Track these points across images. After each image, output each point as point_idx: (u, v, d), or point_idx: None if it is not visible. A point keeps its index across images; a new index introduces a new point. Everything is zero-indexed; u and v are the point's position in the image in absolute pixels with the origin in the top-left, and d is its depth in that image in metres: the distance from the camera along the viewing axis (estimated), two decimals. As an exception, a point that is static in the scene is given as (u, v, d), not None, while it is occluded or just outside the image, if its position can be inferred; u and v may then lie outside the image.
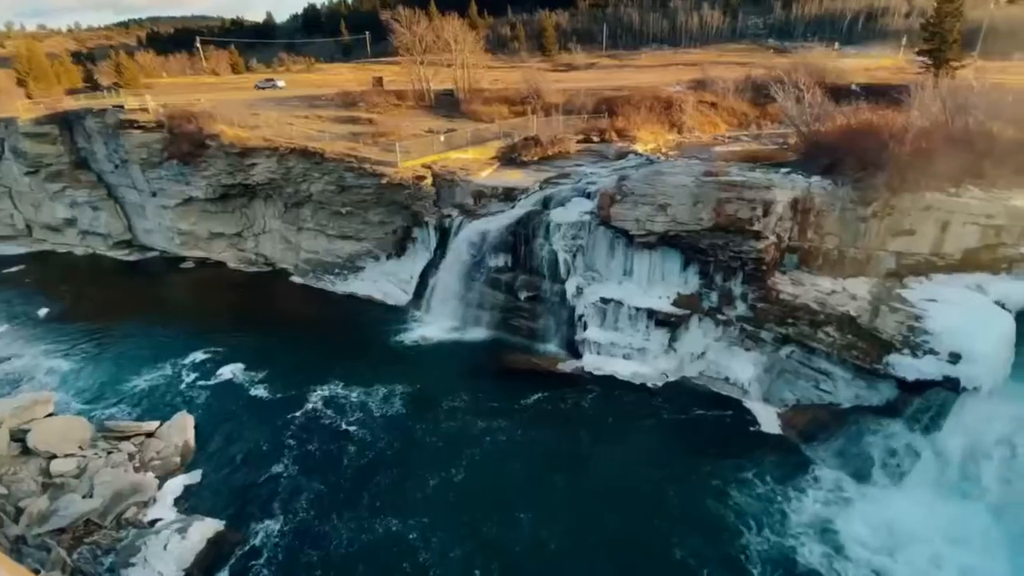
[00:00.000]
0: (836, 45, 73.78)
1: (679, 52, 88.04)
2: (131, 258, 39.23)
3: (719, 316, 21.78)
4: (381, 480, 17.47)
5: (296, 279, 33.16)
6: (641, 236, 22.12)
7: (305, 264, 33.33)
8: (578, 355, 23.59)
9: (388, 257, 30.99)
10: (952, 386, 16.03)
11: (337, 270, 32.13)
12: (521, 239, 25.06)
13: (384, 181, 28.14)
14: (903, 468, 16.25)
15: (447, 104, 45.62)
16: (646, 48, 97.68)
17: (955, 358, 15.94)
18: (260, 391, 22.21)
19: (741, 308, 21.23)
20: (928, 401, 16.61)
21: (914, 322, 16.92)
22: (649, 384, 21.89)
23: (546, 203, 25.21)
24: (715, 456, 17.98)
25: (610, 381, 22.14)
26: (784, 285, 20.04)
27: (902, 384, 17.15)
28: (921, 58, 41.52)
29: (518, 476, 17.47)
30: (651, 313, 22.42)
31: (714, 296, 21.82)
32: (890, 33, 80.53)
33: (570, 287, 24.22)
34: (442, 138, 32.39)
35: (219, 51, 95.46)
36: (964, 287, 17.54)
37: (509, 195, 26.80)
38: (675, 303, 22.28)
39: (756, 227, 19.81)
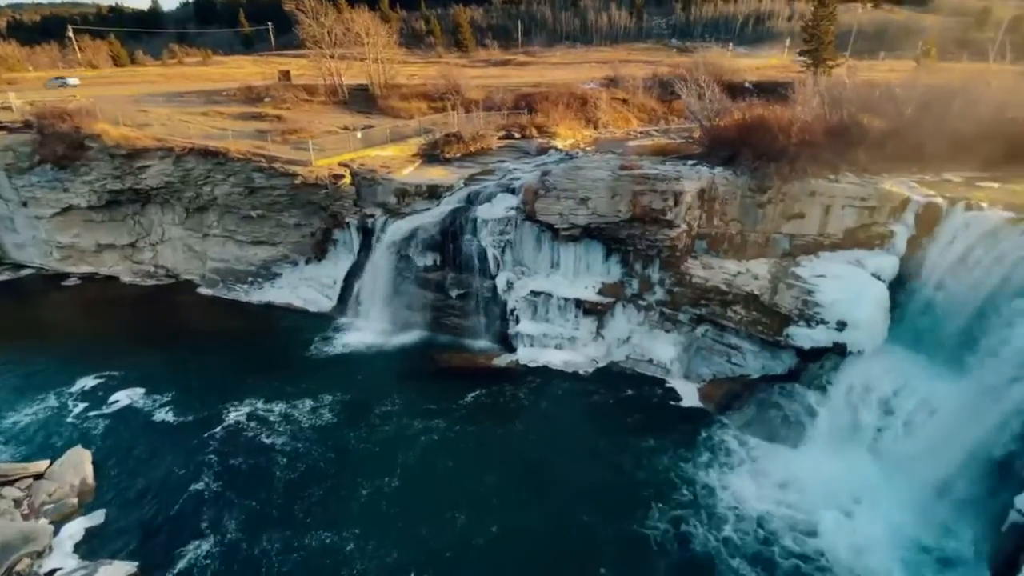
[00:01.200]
0: (730, 45, 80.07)
1: (591, 50, 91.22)
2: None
3: (640, 302, 22.98)
4: (313, 493, 16.68)
5: (204, 291, 30.51)
6: (565, 229, 22.74)
7: (213, 274, 30.79)
8: (512, 349, 23.88)
9: (307, 262, 29.41)
10: (840, 351, 18.15)
11: (251, 278, 30.00)
12: (449, 236, 24.84)
13: (298, 181, 26.63)
14: (804, 427, 18.12)
15: (362, 100, 44.03)
16: (560, 46, 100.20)
17: (842, 326, 18.02)
18: (166, 415, 20.25)
19: (659, 293, 22.54)
20: (822, 366, 18.69)
21: (807, 296, 18.87)
22: (581, 371, 22.68)
23: (472, 200, 25.15)
24: (643, 434, 19.01)
25: (544, 372, 22.66)
26: (696, 269, 21.53)
27: (800, 352, 19.15)
28: (802, 58, 46.14)
29: (454, 475, 17.41)
30: (579, 303, 23.18)
31: (635, 283, 22.98)
32: (776, 35, 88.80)
33: (500, 282, 24.41)
34: (359, 135, 31.23)
35: (97, 42, 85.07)
36: (846, 263, 19.75)
37: (434, 192, 26.44)
38: (600, 292, 23.18)
39: (669, 217, 21.08)
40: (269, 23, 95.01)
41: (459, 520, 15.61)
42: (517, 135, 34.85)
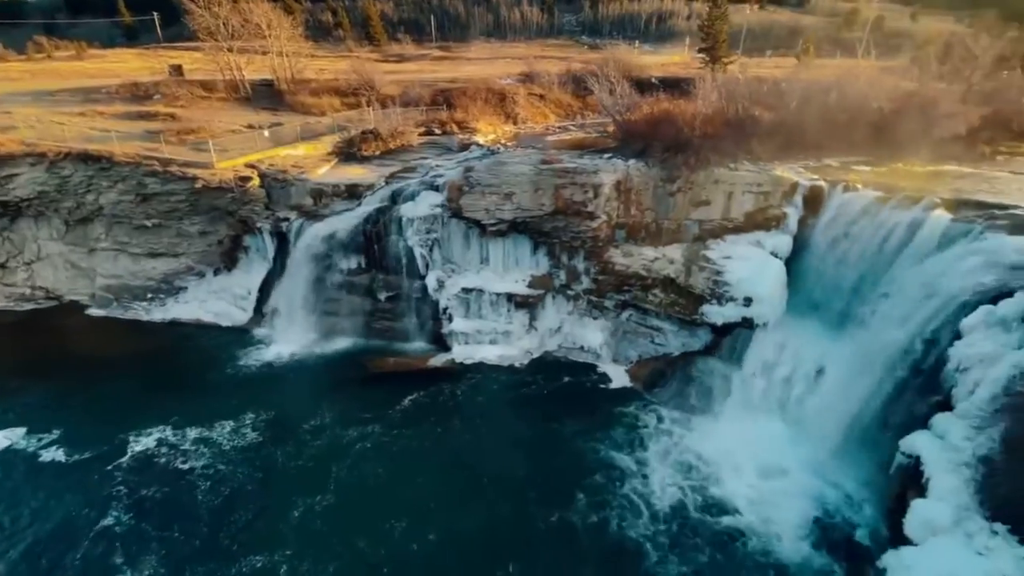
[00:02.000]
0: (637, 43, 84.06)
1: (506, 46, 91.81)
2: None
3: (569, 292, 23.69)
4: (240, 518, 15.64)
5: (95, 311, 27.26)
6: (492, 225, 22.86)
7: (105, 292, 27.59)
8: (447, 348, 23.68)
9: (216, 272, 27.22)
10: (748, 324, 19.86)
11: (151, 295, 27.26)
12: (373, 238, 24.07)
13: (199, 185, 24.49)
14: (721, 398, 19.67)
15: (267, 96, 41.29)
16: (475, 41, 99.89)
17: (748, 302, 19.70)
18: (56, 454, 17.97)
19: (586, 282, 23.36)
20: (734, 339, 20.33)
21: (717, 277, 20.42)
22: (517, 364, 23.01)
23: (394, 198, 24.52)
24: (578, 420, 19.68)
25: (480, 368, 22.73)
26: (617, 258, 22.55)
27: (714, 328, 20.71)
28: (701, 55, 49.51)
29: (392, 483, 17.00)
30: (510, 297, 23.45)
31: (562, 274, 23.63)
32: (677, 33, 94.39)
33: (431, 281, 24.08)
34: (266, 133, 29.30)
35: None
36: (748, 244, 21.54)
37: (353, 192, 25.44)
38: (530, 285, 23.60)
39: (590, 208, 21.87)
40: (154, 13, 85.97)
41: (397, 529, 15.27)
42: (438, 131, 34.40)
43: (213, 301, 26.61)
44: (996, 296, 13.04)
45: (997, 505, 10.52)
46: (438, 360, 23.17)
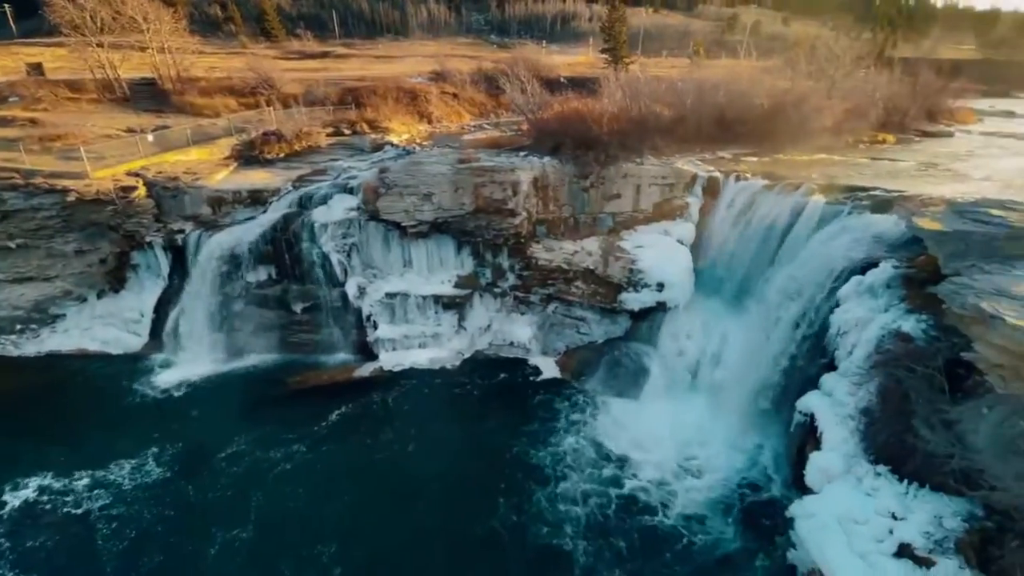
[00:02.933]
0: (544, 43, 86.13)
1: (415, 44, 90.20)
2: None
3: (495, 289, 23.83)
4: (149, 560, 14.14)
5: (-55, 351, 23.19)
6: (413, 226, 22.39)
7: (-42, 327, 23.53)
8: (374, 356, 22.87)
9: (100, 295, 24.17)
10: (662, 308, 21.18)
11: (20, 326, 23.61)
12: (283, 246, 22.62)
13: (71, 198, 21.57)
14: (643, 379, 20.79)
15: (150, 96, 37.34)
16: (382, 39, 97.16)
17: (660, 287, 21.00)
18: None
19: (511, 279, 23.64)
20: (650, 323, 21.60)
21: (631, 265, 21.55)
22: (448, 366, 22.75)
23: (305, 203, 23.21)
24: (510, 414, 19.90)
25: (410, 373, 22.20)
26: (540, 253, 23.04)
27: (633, 314, 21.88)
28: (604, 55, 51.82)
29: (319, 505, 16.11)
30: (437, 299, 23.13)
31: (488, 272, 23.72)
32: (581, 34, 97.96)
33: (351, 289, 23.09)
34: (151, 138, 26.48)
35: None
36: (657, 233, 22.96)
37: (257, 198, 23.74)
38: (457, 285, 23.44)
39: (510, 206, 22.13)
40: (6, 5, 74.12)
41: (324, 554, 14.44)
42: (347, 131, 33.05)
43: (99, 328, 23.62)
44: (864, 267, 14.98)
45: (878, 450, 12.08)
46: (365, 370, 22.34)
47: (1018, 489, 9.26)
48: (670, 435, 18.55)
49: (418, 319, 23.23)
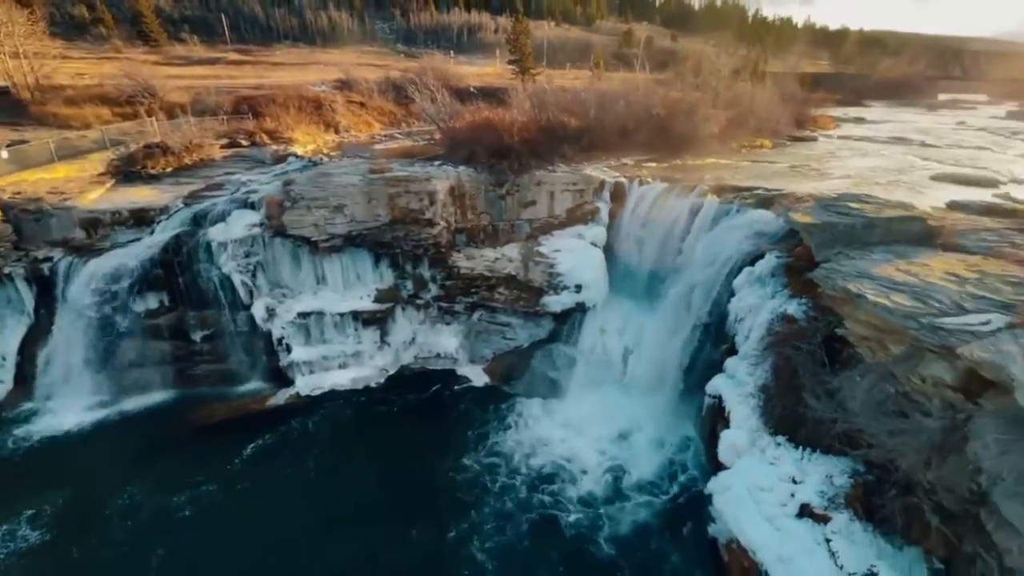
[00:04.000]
0: (451, 53, 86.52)
1: (317, 51, 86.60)
2: None
3: (418, 301, 23.38)
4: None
5: None
6: (324, 241, 21.36)
7: None
8: (289, 382, 21.44)
9: (-55, 339, 20.45)
10: (582, 308, 21.99)
11: None
12: (176, 269, 20.56)
13: (-103, 227, 18.11)
14: (568, 378, 21.44)
15: (3, 107, 32.40)
16: (280, 45, 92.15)
17: (579, 288, 21.81)
18: None
19: (434, 290, 23.33)
20: (571, 324, 22.33)
21: (551, 269, 22.18)
22: (372, 384, 21.93)
23: (199, 221, 21.29)
24: (441, 427, 19.60)
25: (331, 396, 21.11)
26: (461, 261, 22.99)
27: (555, 316, 22.48)
28: (511, 66, 53.09)
29: (234, 548, 14.73)
30: (356, 315, 22.21)
31: (409, 284, 23.22)
32: (487, 45, 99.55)
33: (258, 311, 21.48)
34: (4, 154, 22.97)
35: None
36: (572, 237, 23.81)
37: (142, 218, 21.38)
38: (376, 299, 22.67)
39: (427, 216, 21.88)
40: None
41: None
42: (245, 143, 30.88)
43: (-58, 378, 19.93)
44: (753, 259, 16.60)
45: (776, 422, 13.37)
46: (279, 398, 20.88)
47: (890, 444, 10.67)
48: (595, 428, 19.22)
49: (336, 338, 22.15)
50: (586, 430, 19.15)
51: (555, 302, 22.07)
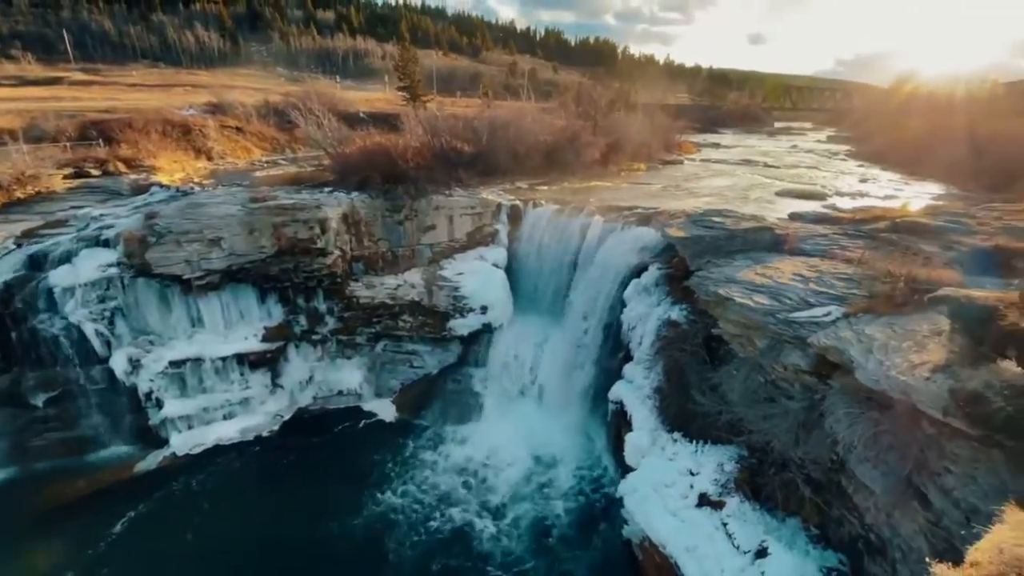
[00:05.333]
0: (337, 78, 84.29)
1: (182, 72, 79.39)
2: None
3: (314, 336, 21.89)
4: None
5: None
6: (199, 278, 19.24)
7: None
8: (162, 442, 18.77)
9: None
10: (488, 329, 22.15)
11: None
12: (7, 322, 17.21)
13: None
14: (480, 400, 21.35)
15: None
16: (137, 64, 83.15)
17: (484, 309, 21.97)
18: None
19: (331, 323, 22.02)
20: (479, 345, 22.38)
21: (455, 292, 22.11)
22: (265, 433, 19.99)
23: (37, 264, 18.10)
24: (348, 470, 18.35)
25: (216, 453, 18.84)
26: (360, 291, 22.04)
27: (462, 339, 22.39)
28: (402, 93, 52.97)
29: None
30: (241, 358, 20.18)
31: (303, 319, 21.68)
32: (375, 71, 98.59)
33: (119, 363, 18.61)
34: None
35: None
36: (474, 259, 24.01)
37: (-45, 265, 17.67)
38: (265, 338, 20.80)
39: (319, 245, 20.73)
40: None
41: None
42: (96, 172, 27.05)
43: None
44: (639, 271, 18.00)
45: (671, 420, 14.44)
46: (151, 461, 18.21)
47: (765, 428, 12.02)
48: (511, 447, 19.28)
49: (219, 386, 19.91)
50: (502, 452, 19.11)
51: (462, 325, 21.98)
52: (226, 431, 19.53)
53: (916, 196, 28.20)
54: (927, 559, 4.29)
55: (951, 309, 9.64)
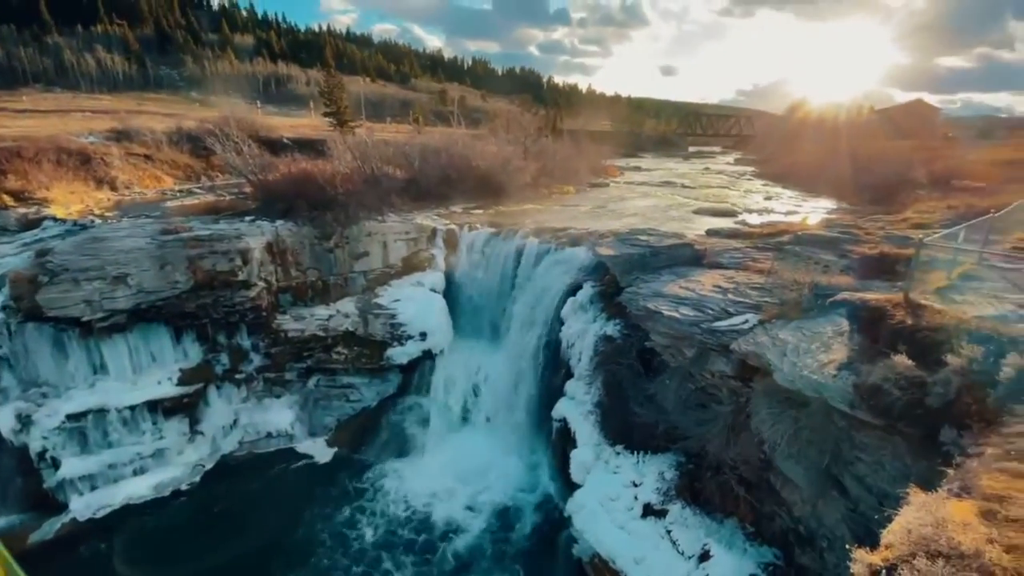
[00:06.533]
0: (258, 103, 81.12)
1: (82, 97, 73.13)
2: None
3: (238, 376, 20.38)
4: None
5: None
6: (101, 320, 17.43)
7: None
8: (61, 507, 16.50)
9: None
10: (429, 356, 21.67)
11: None
12: None
13: None
14: (423, 430, 20.70)
15: None
16: (28, 89, 75.65)
17: (423, 336, 21.51)
18: None
19: (257, 360, 20.64)
20: (420, 373, 21.81)
21: (392, 320, 21.52)
22: (184, 486, 18.14)
23: None
24: (281, 520, 16.97)
25: (125, 514, 16.84)
26: (288, 324, 20.90)
27: (402, 368, 21.72)
28: (328, 118, 51.83)
29: None
30: (153, 405, 18.35)
31: (224, 358, 20.15)
32: (299, 96, 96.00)
33: (4, 421, 16.30)
34: None
35: None
36: (411, 285, 23.60)
37: None
38: (181, 381, 19.07)
39: (241, 277, 19.52)
40: None
41: None
42: (-27, 208, 23.97)
43: None
44: (574, 289, 18.48)
45: (613, 433, 14.70)
46: (47, 530, 15.92)
47: (699, 433, 12.58)
48: (457, 475, 18.79)
49: (127, 438, 17.94)
50: (446, 483, 18.56)
51: (400, 353, 21.36)
52: (137, 489, 17.54)
53: (813, 211, 31.38)
54: (847, 545, 4.61)
55: (849, 311, 10.69)
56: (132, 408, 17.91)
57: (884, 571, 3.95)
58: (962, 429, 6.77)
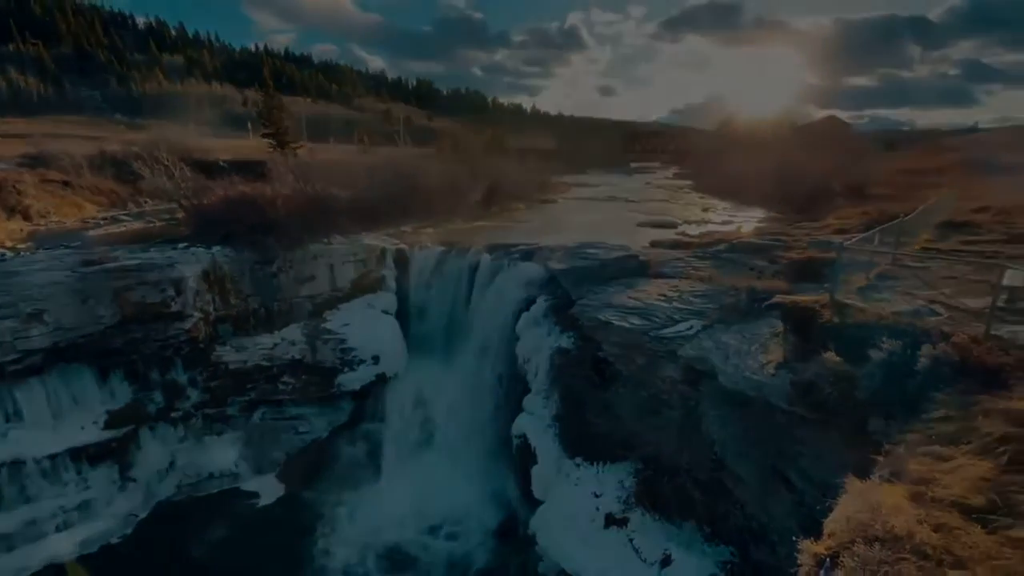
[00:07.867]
0: (191, 124, 77.45)
1: (-14, 120, 67.17)
2: None
3: (173, 414, 18.98)
4: None
5: None
6: (13, 362, 15.80)
7: None
8: (-39, 577, 14.61)
9: None
10: (382, 380, 21.07)
11: None
12: None
13: None
14: (380, 459, 20.01)
15: None
16: (-82, 111, 68.77)
17: (376, 359, 20.92)
18: None
19: (195, 395, 19.33)
20: (374, 399, 21.15)
21: (342, 345, 20.82)
22: (115, 540, 16.56)
23: None
24: (228, 565, 15.90)
25: (51, 573, 15.08)
26: (229, 355, 19.77)
27: (354, 395, 20.97)
28: (268, 140, 50.12)
29: None
30: (77, 453, 16.72)
31: (158, 395, 18.73)
32: (235, 117, 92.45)
33: None
34: None
35: None
36: (361, 308, 22.99)
37: None
38: (108, 425, 17.52)
39: (174, 308, 18.31)
40: None
41: None
42: None
43: None
44: (528, 304, 18.60)
45: (572, 445, 14.79)
46: (-55, 605, 14.02)
47: (654, 439, 12.86)
48: (419, 502, 18.24)
49: (47, 492, 16.21)
50: (404, 513, 17.94)
51: (352, 379, 20.62)
52: (61, 547, 15.80)
53: (746, 220, 33.36)
54: (794, 538, 4.81)
55: (782, 313, 11.35)
56: (52, 457, 16.23)
57: (828, 559, 4.15)
58: (888, 418, 7.29)
